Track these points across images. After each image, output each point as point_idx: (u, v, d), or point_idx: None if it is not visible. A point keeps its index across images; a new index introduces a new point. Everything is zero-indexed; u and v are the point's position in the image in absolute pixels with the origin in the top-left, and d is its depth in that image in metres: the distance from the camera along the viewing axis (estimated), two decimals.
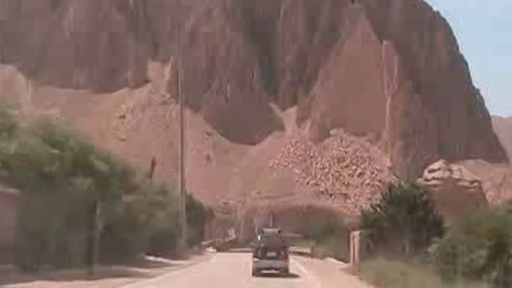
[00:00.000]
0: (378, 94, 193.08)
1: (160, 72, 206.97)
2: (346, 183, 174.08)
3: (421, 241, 31.49)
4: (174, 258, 50.09)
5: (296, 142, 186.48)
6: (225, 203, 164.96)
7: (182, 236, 61.01)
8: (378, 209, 37.10)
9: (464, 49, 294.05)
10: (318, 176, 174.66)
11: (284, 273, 31.57)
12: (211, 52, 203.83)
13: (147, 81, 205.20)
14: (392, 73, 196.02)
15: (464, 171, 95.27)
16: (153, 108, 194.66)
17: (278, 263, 31.64)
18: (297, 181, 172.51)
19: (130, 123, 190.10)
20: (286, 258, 31.97)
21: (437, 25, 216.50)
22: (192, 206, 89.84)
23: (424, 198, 35.11)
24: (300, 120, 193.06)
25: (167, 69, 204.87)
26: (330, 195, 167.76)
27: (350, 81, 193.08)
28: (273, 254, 31.50)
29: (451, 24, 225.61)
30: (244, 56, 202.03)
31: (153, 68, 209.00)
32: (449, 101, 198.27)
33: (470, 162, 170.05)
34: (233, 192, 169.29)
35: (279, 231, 35.19)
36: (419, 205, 34.09)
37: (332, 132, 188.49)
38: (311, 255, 58.93)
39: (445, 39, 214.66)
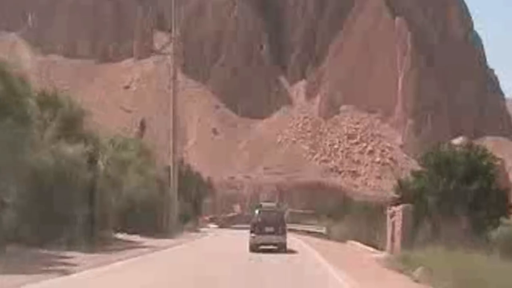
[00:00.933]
0: (389, 70, 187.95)
1: (165, 44, 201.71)
2: (355, 160, 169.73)
3: (480, 222, 25.83)
4: (156, 236, 40.85)
5: (305, 117, 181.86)
6: (231, 178, 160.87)
7: (173, 210, 53.68)
8: (420, 178, 28.88)
9: (480, 28, 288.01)
10: (327, 152, 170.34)
11: (282, 249, 30.54)
12: (219, 24, 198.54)
13: (152, 51, 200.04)
14: (405, 49, 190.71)
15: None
16: (158, 79, 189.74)
17: (276, 239, 30.69)
18: (306, 157, 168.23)
19: (135, 94, 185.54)
20: (284, 233, 31.03)
21: (451, 1, 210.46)
22: (189, 178, 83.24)
23: (485, 162, 27.30)
24: (309, 95, 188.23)
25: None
26: (339, 173, 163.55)
27: (361, 56, 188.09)
28: (270, 229, 30.49)
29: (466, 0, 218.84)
30: (253, 29, 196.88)
31: (158, 38, 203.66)
32: (462, 79, 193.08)
33: (490, 139, 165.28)
34: (239, 167, 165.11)
35: (278, 205, 35.03)
36: (479, 172, 26.47)
37: (342, 108, 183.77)
38: (327, 237, 48.21)
39: (459, 15, 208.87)
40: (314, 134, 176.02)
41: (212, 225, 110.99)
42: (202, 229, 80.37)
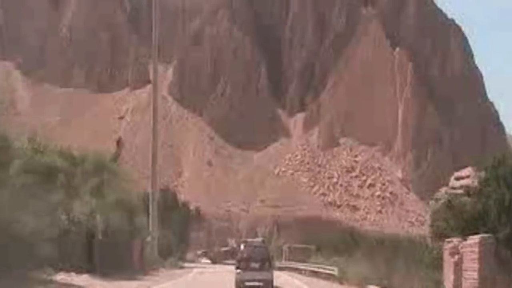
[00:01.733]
0: (390, 101, 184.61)
1: (161, 74, 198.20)
2: (355, 194, 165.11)
3: None
4: (115, 277, 32.85)
5: (304, 149, 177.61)
6: (227, 211, 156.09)
7: (151, 243, 47.20)
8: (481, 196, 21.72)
9: (479, 59, 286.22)
10: (326, 185, 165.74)
11: (268, 285, 30.15)
12: (216, 55, 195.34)
13: (148, 82, 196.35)
14: (405, 80, 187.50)
15: None
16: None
17: (262, 275, 29.90)
18: (304, 190, 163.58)
19: (129, 125, 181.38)
20: (270, 269, 30.49)
21: (452, 33, 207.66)
22: (174, 207, 78.54)
23: None
24: (308, 127, 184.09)
25: (170, 71, 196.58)
26: (338, 206, 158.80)
27: (361, 87, 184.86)
28: (256, 265, 29.89)
29: (466, 32, 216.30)
30: (250, 59, 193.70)
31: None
32: (463, 112, 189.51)
33: None
34: (235, 199, 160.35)
35: (263, 241, 34.13)
36: None
37: (341, 140, 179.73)
38: (340, 279, 37.65)
39: (459, 48, 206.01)
40: (313, 167, 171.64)
41: (204, 260, 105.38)
42: (189, 265, 74.83)
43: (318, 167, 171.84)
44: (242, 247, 31.80)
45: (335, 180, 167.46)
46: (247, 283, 29.83)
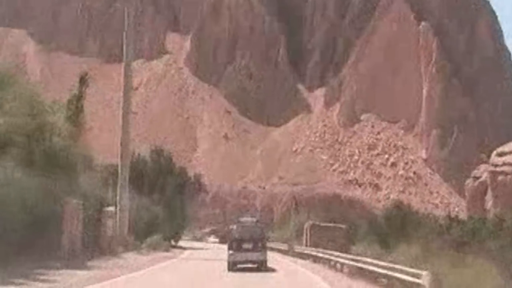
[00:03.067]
0: (414, 78, 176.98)
1: (178, 44, 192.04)
2: (377, 173, 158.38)
3: None
4: (52, 266, 23.50)
5: (324, 126, 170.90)
6: (244, 188, 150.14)
7: (122, 218, 34.28)
8: None
9: (508, 37, 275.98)
10: (347, 163, 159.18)
11: (262, 267, 29.09)
12: (234, 26, 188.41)
13: (164, 53, 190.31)
14: (430, 57, 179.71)
15: None
16: (168, 81, 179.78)
17: (255, 256, 29.09)
18: (324, 167, 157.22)
19: (143, 96, 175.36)
20: (264, 250, 29.57)
21: (480, 8, 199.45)
22: (166, 172, 62.27)
23: None
24: (328, 103, 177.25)
25: (187, 42, 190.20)
26: (360, 185, 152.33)
27: (384, 63, 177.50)
28: (249, 246, 28.92)
29: (495, 8, 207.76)
30: (270, 32, 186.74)
31: (171, 40, 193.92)
32: (490, 90, 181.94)
33: None
34: (252, 176, 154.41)
35: (257, 221, 31.93)
36: None
37: (362, 117, 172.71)
38: None
39: (487, 24, 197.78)
40: (333, 144, 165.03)
41: (212, 239, 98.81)
42: (188, 245, 67.63)
43: (339, 144, 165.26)
44: (234, 226, 30.39)
45: (356, 157, 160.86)
46: (240, 265, 28.67)
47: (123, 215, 35.17)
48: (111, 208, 33.65)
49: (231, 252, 28.82)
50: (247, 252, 28.74)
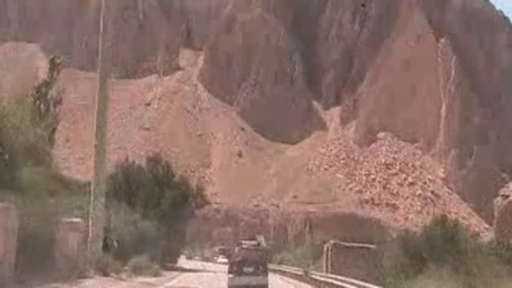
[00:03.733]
0: (432, 96, 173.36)
1: (192, 60, 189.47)
2: (394, 192, 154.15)
3: None
4: None
5: (339, 144, 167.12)
6: (256, 206, 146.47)
7: (91, 238, 27.20)
8: None
9: None
10: (363, 182, 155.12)
11: None
12: (248, 42, 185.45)
13: (177, 69, 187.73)
14: (449, 74, 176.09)
15: None
16: (182, 97, 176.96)
17: (256, 280, 27.71)
18: (339, 186, 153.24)
19: (156, 112, 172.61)
20: (265, 274, 28.22)
21: (499, 25, 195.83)
22: (160, 180, 53.42)
23: None
24: (344, 121, 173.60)
25: (200, 57, 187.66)
26: (377, 205, 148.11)
27: (401, 80, 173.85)
28: (250, 269, 27.63)
29: None
30: (285, 47, 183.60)
31: (184, 56, 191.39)
32: (510, 108, 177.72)
33: None
34: (266, 194, 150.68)
35: (259, 244, 31.03)
36: None
37: (379, 135, 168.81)
38: None
39: (507, 40, 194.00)
40: (349, 163, 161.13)
41: (221, 259, 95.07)
42: (189, 266, 62.26)
43: (355, 163, 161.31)
44: (235, 249, 29.44)
45: (372, 177, 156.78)
46: None
47: (96, 229, 27.47)
48: (77, 220, 24.88)
49: (231, 275, 27.67)
50: (248, 276, 27.48)
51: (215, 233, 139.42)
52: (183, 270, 51.76)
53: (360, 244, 44.77)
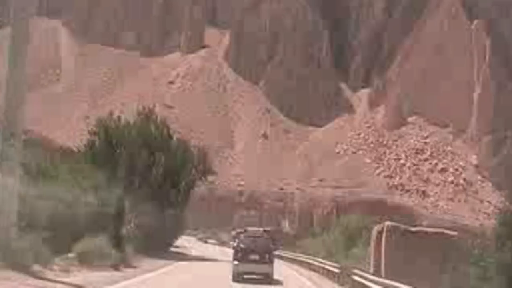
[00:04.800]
0: (465, 80, 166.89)
1: (217, 39, 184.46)
2: (425, 178, 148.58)
3: None
4: None
5: (368, 127, 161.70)
6: (281, 189, 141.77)
7: None
8: None
9: None
10: (392, 167, 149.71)
11: (267, 279, 27.11)
12: (275, 21, 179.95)
13: (202, 47, 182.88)
14: (483, 56, 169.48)
15: None
16: (206, 76, 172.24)
17: (262, 268, 27.11)
18: (367, 171, 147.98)
19: (179, 91, 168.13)
20: (271, 262, 27.45)
21: None
22: (152, 143, 42.53)
23: None
24: (373, 104, 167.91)
25: (226, 37, 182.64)
26: (406, 191, 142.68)
27: (433, 63, 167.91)
28: (256, 257, 27.02)
29: None
30: (313, 27, 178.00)
31: (210, 34, 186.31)
32: None
33: None
34: (291, 177, 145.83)
35: (265, 231, 31.01)
36: None
37: (409, 119, 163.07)
38: None
39: None
40: (377, 147, 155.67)
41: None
42: (196, 252, 55.57)
43: (384, 147, 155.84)
44: (241, 236, 29.34)
45: (402, 162, 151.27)
46: (245, 276, 27.22)
47: (10, 203, 18.01)
48: None
49: (236, 262, 27.19)
50: (254, 264, 27.15)
51: (237, 216, 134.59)
52: (180, 257, 41.62)
53: (432, 229, 28.11)
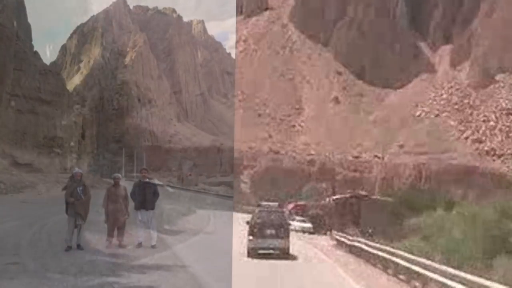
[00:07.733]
0: None
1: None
2: None
3: None
4: None
5: (451, 87, 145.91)
6: (356, 158, 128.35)
7: None
8: None
9: None
10: (481, 130, 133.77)
11: (283, 254, 26.55)
12: None
13: (265, 8, 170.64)
14: None
15: None
16: (271, 39, 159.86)
17: (278, 243, 26.88)
18: (453, 135, 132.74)
19: (241, 55, 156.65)
20: (287, 236, 27.15)
21: None
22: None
23: None
24: (456, 61, 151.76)
25: None
26: (499, 156, 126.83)
27: None
28: (271, 232, 26.95)
29: None
30: None
31: None
32: None
33: None
34: (367, 144, 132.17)
35: (279, 205, 31.88)
36: None
37: (498, 77, 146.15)
38: None
39: None
40: (463, 108, 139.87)
41: (297, 222, 67.54)
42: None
43: (470, 108, 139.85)
44: (256, 211, 29.19)
45: (492, 124, 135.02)
46: (261, 251, 26.32)
47: None
48: None
49: (251, 238, 26.62)
50: (269, 239, 26.62)
51: (307, 188, 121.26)
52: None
53: None
